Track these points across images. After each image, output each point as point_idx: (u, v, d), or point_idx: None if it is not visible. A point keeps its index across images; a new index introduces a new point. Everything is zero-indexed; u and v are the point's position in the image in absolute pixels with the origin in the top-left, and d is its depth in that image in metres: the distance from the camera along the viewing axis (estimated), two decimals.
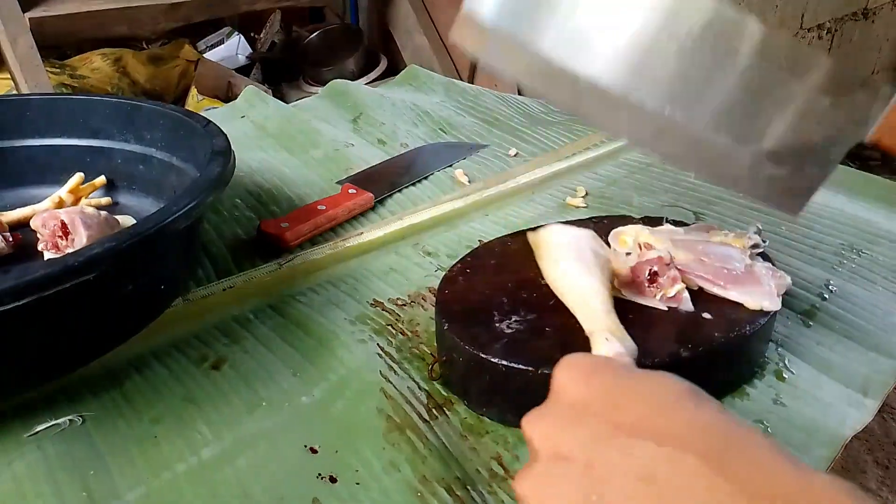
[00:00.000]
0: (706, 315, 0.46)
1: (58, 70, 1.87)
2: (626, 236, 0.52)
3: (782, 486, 0.23)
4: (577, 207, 0.71)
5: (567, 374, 0.30)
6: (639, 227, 0.53)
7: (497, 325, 0.46)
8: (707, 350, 0.44)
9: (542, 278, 0.50)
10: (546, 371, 0.42)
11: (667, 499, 0.24)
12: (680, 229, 0.53)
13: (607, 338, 0.40)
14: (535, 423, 0.29)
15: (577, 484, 0.26)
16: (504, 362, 0.42)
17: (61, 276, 0.36)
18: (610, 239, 0.53)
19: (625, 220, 0.57)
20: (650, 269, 0.46)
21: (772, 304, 0.47)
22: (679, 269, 0.47)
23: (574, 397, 0.29)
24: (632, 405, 0.27)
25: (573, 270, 0.46)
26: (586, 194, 0.74)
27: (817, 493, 0.22)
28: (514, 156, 0.83)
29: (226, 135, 0.54)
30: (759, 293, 0.47)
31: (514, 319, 0.46)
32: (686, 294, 0.47)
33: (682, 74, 0.36)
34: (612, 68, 0.37)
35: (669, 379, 0.28)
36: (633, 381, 0.29)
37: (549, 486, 0.27)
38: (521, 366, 0.42)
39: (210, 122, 0.57)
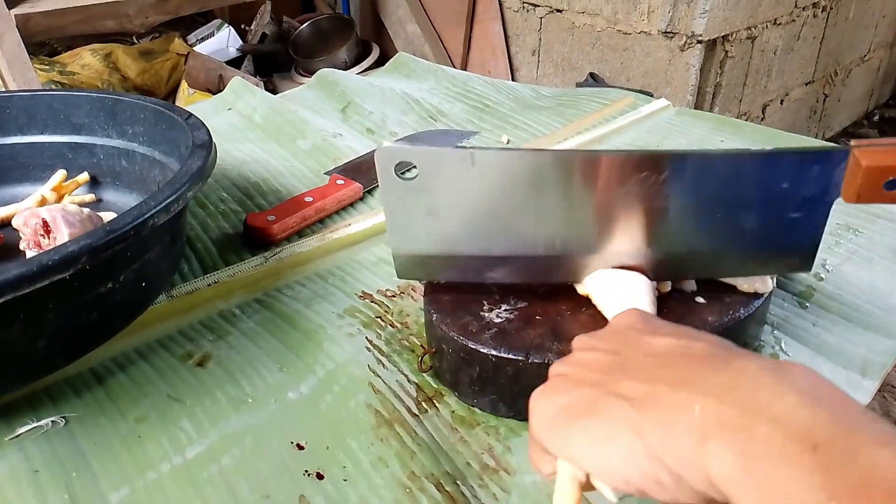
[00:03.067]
0: (699, 299, 0.46)
1: (47, 67, 1.85)
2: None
3: (755, 358, 0.27)
4: None
5: (624, 314, 0.36)
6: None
7: (487, 314, 0.45)
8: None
9: None
10: (536, 360, 0.41)
11: (671, 366, 0.28)
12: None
13: None
14: (583, 336, 0.35)
15: (602, 363, 0.31)
16: (494, 352, 0.42)
17: (36, 275, 0.35)
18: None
19: None
20: None
21: (764, 286, 0.46)
22: None
23: (624, 323, 0.34)
24: (665, 327, 0.33)
25: (621, 281, 0.44)
26: None
27: (802, 368, 0.26)
28: (507, 143, 0.82)
29: (207, 127, 0.53)
30: (753, 275, 0.46)
31: (503, 308, 0.45)
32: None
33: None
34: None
35: (692, 336, 0.32)
36: (674, 324, 0.34)
37: (576, 365, 0.32)
38: (511, 355, 0.41)
39: (191, 114, 0.56)
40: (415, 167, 0.41)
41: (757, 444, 0.23)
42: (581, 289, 0.46)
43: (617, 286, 0.44)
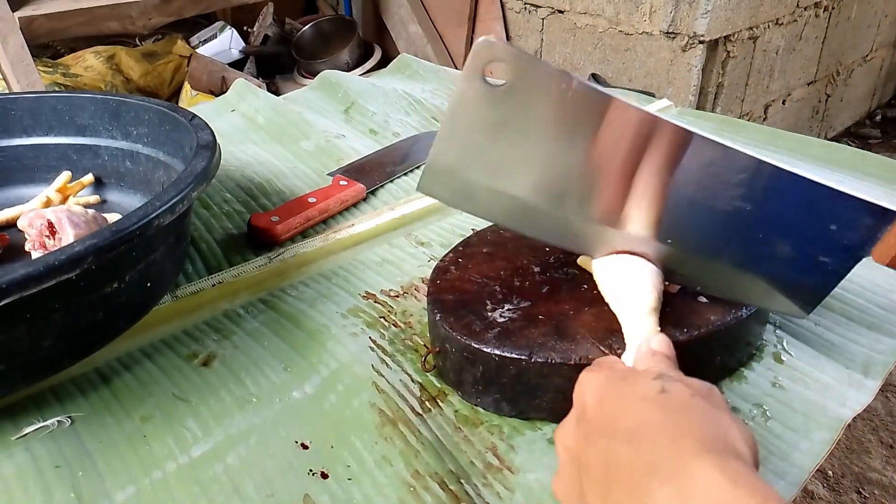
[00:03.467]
0: (702, 299, 0.46)
1: (50, 69, 1.86)
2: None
3: (708, 444, 0.28)
4: None
5: (580, 388, 0.35)
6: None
7: (490, 314, 0.45)
8: (704, 334, 0.43)
9: (535, 266, 0.50)
10: (539, 359, 0.41)
11: (607, 482, 0.30)
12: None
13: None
14: (558, 429, 0.36)
15: (571, 475, 0.33)
16: (497, 352, 0.42)
17: (43, 275, 0.36)
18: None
19: None
20: None
21: None
22: None
23: (584, 406, 0.34)
24: (621, 415, 0.32)
25: (628, 263, 0.44)
26: None
27: (701, 480, 0.26)
28: None
29: (211, 128, 0.53)
30: None
31: (507, 308, 0.45)
32: None
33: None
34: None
35: (645, 378, 0.33)
36: (619, 386, 0.33)
37: (559, 478, 0.34)
38: (514, 355, 0.42)
39: (195, 115, 0.56)
40: (504, 75, 0.38)
41: None
42: (588, 264, 0.46)
43: (623, 273, 0.43)
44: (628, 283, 0.43)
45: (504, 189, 0.42)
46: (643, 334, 0.40)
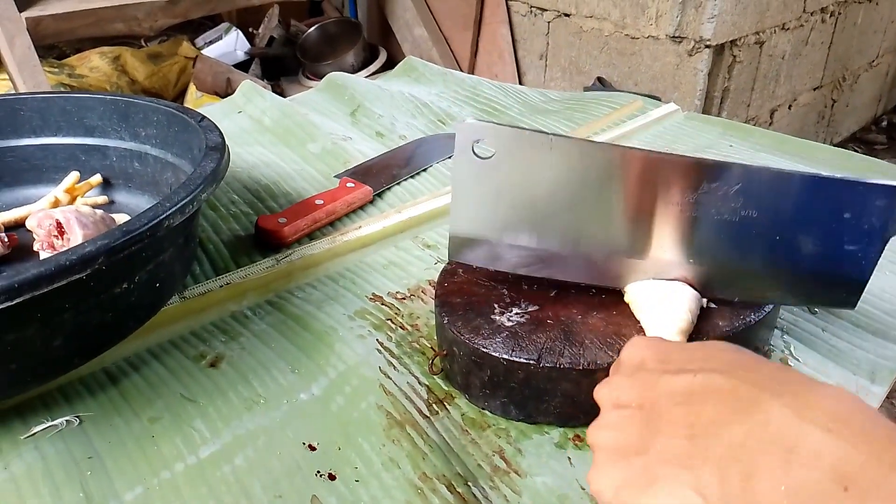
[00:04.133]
0: (710, 304, 0.46)
1: (56, 70, 1.86)
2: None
3: (792, 384, 0.27)
4: None
5: (629, 347, 0.35)
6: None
7: (498, 317, 0.45)
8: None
9: None
10: (547, 364, 0.41)
11: (700, 411, 0.28)
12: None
13: None
14: (603, 388, 0.35)
15: (633, 422, 0.31)
16: (505, 356, 0.42)
17: (54, 275, 0.36)
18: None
19: None
20: None
21: None
22: None
23: (634, 362, 0.34)
24: (679, 355, 0.32)
25: (665, 289, 0.44)
26: None
27: (823, 390, 0.26)
28: None
29: (220, 130, 0.53)
30: None
31: (515, 312, 0.45)
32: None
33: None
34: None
35: (715, 342, 0.33)
36: (683, 345, 0.34)
37: (612, 430, 0.32)
38: (522, 359, 0.42)
39: (204, 117, 0.56)
40: (491, 147, 0.42)
41: (797, 492, 0.24)
42: (626, 296, 0.46)
43: (659, 296, 0.44)
44: (663, 306, 0.43)
45: (524, 244, 0.45)
46: None
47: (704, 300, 0.45)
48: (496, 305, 0.46)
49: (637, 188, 0.42)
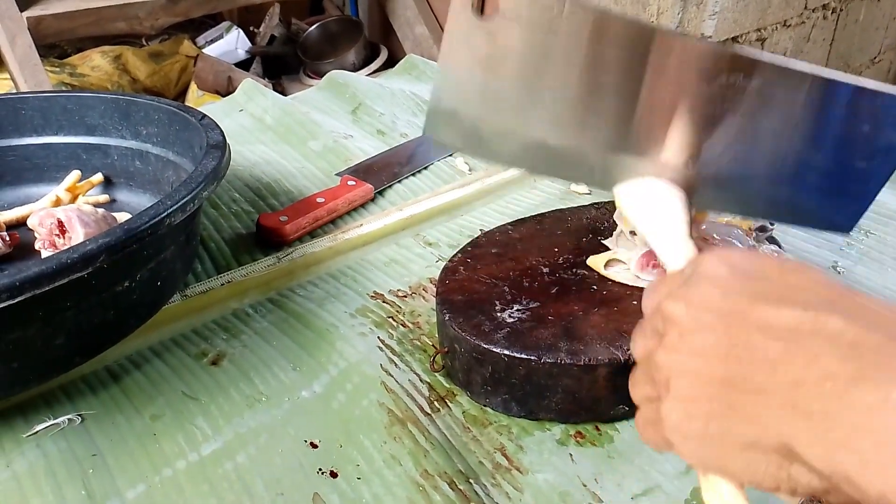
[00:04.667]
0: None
1: (57, 69, 1.86)
2: None
3: None
4: (581, 194, 0.70)
5: (705, 262, 0.29)
6: None
7: (499, 314, 0.45)
8: None
9: (544, 266, 0.50)
10: (548, 360, 0.41)
11: (812, 358, 0.23)
12: None
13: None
14: (675, 295, 0.28)
15: (707, 344, 0.25)
16: (506, 352, 0.42)
17: (56, 273, 0.36)
18: (615, 218, 0.52)
19: None
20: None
21: None
22: None
23: (712, 276, 0.28)
24: (773, 283, 0.26)
25: (653, 187, 0.40)
26: None
27: None
28: None
29: (221, 128, 0.53)
30: None
31: (516, 308, 0.45)
32: None
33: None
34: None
35: (808, 267, 0.28)
36: (772, 263, 0.28)
37: (689, 355, 0.26)
38: (523, 355, 0.42)
39: (205, 115, 0.56)
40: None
41: None
42: (597, 265, 0.44)
43: (651, 198, 0.40)
44: (658, 209, 0.39)
45: (512, 128, 0.40)
46: (684, 259, 0.36)
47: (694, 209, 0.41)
48: (497, 302, 0.46)
49: (651, 72, 0.37)
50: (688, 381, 0.26)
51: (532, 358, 0.41)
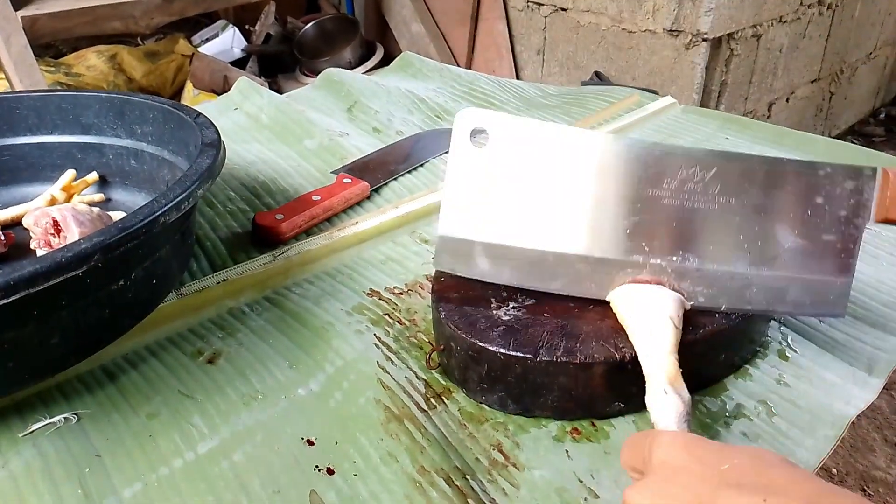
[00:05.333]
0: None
1: (53, 68, 1.86)
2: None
3: None
4: None
5: (665, 449, 0.32)
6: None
7: (495, 311, 0.45)
8: (709, 333, 0.43)
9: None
10: (545, 358, 0.41)
11: None
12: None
13: (665, 390, 0.37)
14: (641, 492, 0.31)
15: None
16: (502, 350, 0.42)
17: (50, 272, 0.36)
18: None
19: None
20: None
21: None
22: None
23: (676, 465, 0.31)
24: (735, 463, 0.29)
25: (645, 294, 0.43)
26: None
27: None
28: None
29: (216, 126, 0.53)
30: None
31: (511, 306, 0.45)
32: None
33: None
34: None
35: (763, 450, 0.31)
36: (731, 448, 0.31)
37: None
38: (519, 353, 0.42)
39: (200, 114, 0.56)
40: (487, 134, 0.43)
41: None
42: (612, 304, 0.45)
43: (643, 304, 0.43)
44: (648, 317, 0.42)
45: (511, 244, 0.45)
46: (663, 375, 0.39)
47: (689, 304, 0.44)
48: (493, 300, 0.46)
49: (622, 177, 0.42)
50: None
51: (528, 356, 0.41)
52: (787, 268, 0.43)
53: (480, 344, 0.42)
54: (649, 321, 0.42)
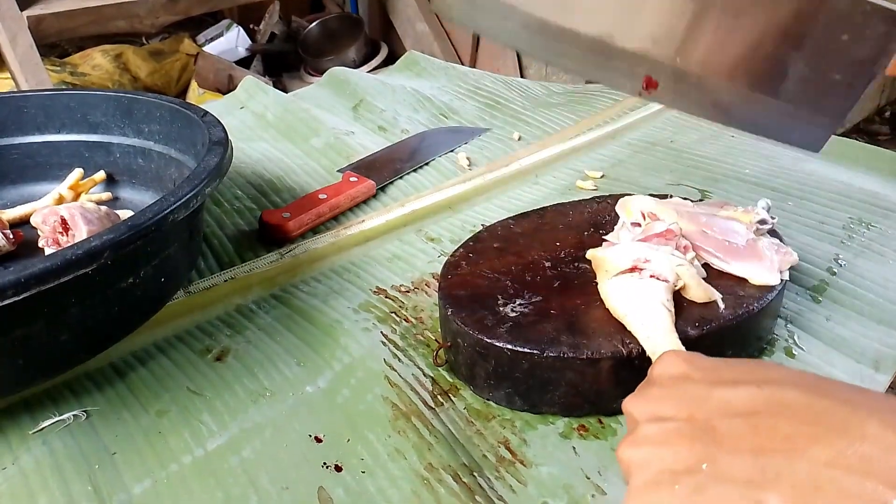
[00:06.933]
0: (718, 297, 0.46)
1: (58, 68, 1.86)
2: (633, 206, 0.51)
3: (882, 399, 0.24)
4: (583, 189, 0.70)
5: (664, 362, 0.32)
6: (646, 197, 0.51)
7: (502, 308, 0.45)
8: (715, 328, 0.43)
9: (546, 261, 0.50)
10: (552, 354, 0.41)
11: (771, 426, 0.25)
12: (688, 202, 0.52)
13: None
14: (635, 400, 0.31)
15: (682, 437, 0.27)
16: (510, 346, 0.42)
17: (61, 269, 0.36)
18: (617, 209, 0.52)
19: None
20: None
21: (772, 278, 0.46)
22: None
23: (673, 374, 0.31)
24: (730, 369, 0.29)
25: (634, 285, 0.43)
26: (602, 175, 0.73)
27: None
28: (518, 139, 0.82)
29: (223, 125, 0.54)
30: (760, 267, 0.46)
31: (518, 303, 0.46)
32: (699, 265, 0.46)
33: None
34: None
35: (763, 361, 0.31)
36: (733, 360, 0.31)
37: (652, 446, 0.28)
38: (526, 349, 0.42)
39: (207, 112, 0.56)
40: None
41: None
42: (602, 291, 0.45)
43: (635, 291, 0.43)
44: (641, 307, 0.42)
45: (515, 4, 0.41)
46: (668, 350, 0.39)
47: (700, 265, 0.44)
48: (500, 297, 0.46)
49: None
50: (647, 472, 0.27)
51: (535, 352, 0.41)
52: (785, 94, 0.41)
53: (487, 340, 0.43)
54: (643, 310, 0.42)
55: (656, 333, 0.40)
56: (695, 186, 0.70)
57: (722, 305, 0.44)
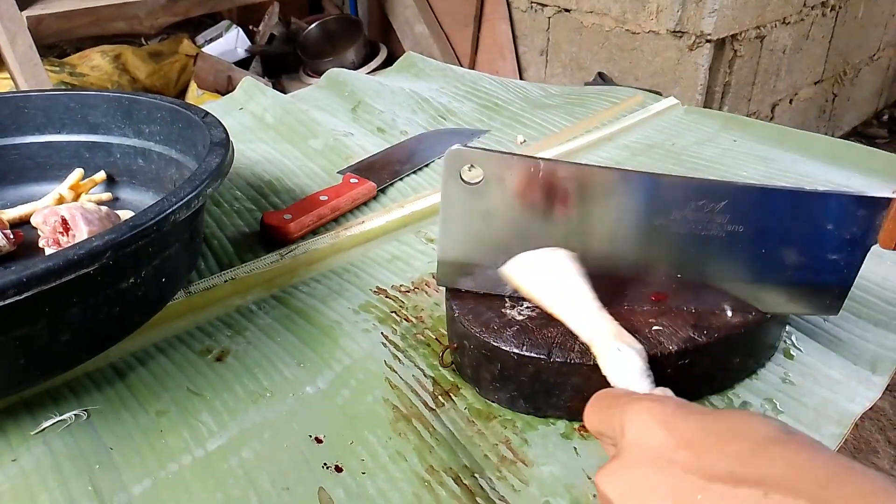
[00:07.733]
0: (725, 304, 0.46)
1: (57, 68, 1.86)
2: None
3: None
4: None
5: (637, 428, 0.28)
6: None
7: (508, 311, 0.45)
8: (724, 335, 0.43)
9: None
10: (558, 359, 0.41)
11: None
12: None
13: (619, 348, 0.38)
14: (612, 479, 0.28)
15: None
16: (516, 350, 0.42)
17: (62, 269, 0.36)
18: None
19: None
20: None
21: None
22: None
23: (653, 447, 0.27)
24: (722, 448, 0.25)
25: (552, 280, 0.44)
26: None
27: None
28: (522, 142, 0.82)
29: (224, 125, 0.54)
30: None
31: (525, 306, 0.46)
32: None
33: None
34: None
35: (753, 416, 0.27)
36: (715, 416, 0.27)
37: None
38: (533, 353, 0.42)
39: (208, 113, 0.56)
40: (479, 171, 0.43)
41: None
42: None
43: (540, 264, 0.44)
44: (556, 282, 0.42)
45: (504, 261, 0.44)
46: (608, 334, 0.39)
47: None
48: (507, 300, 0.46)
49: (625, 207, 0.43)
50: None
51: (542, 356, 0.41)
52: (788, 280, 0.44)
53: (494, 343, 0.42)
54: (560, 286, 0.42)
55: (587, 315, 0.40)
56: None
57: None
